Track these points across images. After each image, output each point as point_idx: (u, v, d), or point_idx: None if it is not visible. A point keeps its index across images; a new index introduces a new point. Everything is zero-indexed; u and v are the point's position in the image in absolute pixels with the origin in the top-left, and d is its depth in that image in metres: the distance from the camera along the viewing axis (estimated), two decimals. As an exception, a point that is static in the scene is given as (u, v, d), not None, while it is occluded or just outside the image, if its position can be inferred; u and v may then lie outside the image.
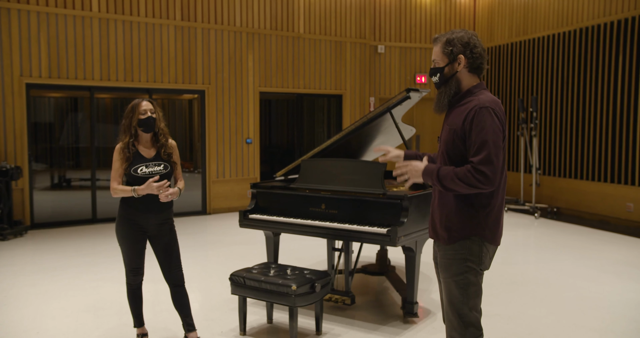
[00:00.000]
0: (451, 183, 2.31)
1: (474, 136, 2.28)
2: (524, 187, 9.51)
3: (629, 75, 7.85)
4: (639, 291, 4.79)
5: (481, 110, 2.29)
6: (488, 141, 2.25)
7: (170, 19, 8.48)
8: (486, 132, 2.26)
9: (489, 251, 2.39)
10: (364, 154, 5.32)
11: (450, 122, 2.44)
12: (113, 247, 6.47)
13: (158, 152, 3.39)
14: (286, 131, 11.02)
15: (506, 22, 10.38)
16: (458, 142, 2.37)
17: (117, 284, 5.02)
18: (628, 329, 3.93)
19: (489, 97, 2.37)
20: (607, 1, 8.24)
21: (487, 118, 2.27)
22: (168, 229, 3.41)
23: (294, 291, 3.46)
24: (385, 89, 10.73)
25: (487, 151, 2.25)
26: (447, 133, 2.44)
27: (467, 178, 2.26)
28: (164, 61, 8.46)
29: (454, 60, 2.43)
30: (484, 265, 2.39)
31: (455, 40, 2.42)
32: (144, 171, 3.29)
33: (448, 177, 2.31)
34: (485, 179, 2.23)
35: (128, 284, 3.44)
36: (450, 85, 2.45)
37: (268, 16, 9.33)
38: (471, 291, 2.36)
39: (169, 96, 9.09)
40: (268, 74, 9.37)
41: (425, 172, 2.40)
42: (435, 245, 2.58)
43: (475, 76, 2.45)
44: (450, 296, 2.40)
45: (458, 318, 2.37)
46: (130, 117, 3.29)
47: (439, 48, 2.47)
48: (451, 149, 2.40)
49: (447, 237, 2.41)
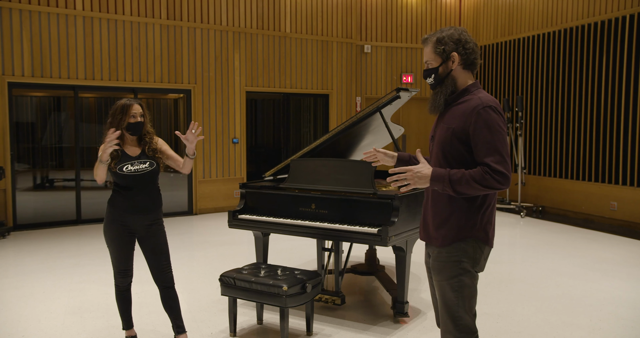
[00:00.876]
0: (466, 187, 2.21)
1: (482, 136, 2.24)
2: (510, 186, 9.57)
3: (612, 75, 7.94)
4: (625, 290, 4.83)
5: (485, 109, 2.25)
6: (499, 140, 2.22)
7: (156, 17, 8.40)
8: (495, 131, 2.22)
9: (483, 253, 2.36)
10: (352, 154, 5.31)
11: (447, 121, 2.38)
12: (98, 248, 6.39)
13: (143, 150, 3.35)
14: (273, 131, 10.99)
15: (491, 22, 10.44)
16: (456, 142, 2.32)
17: (103, 286, 4.96)
18: (616, 326, 3.96)
19: (488, 96, 2.34)
20: (591, 2, 8.32)
21: (493, 117, 2.24)
22: (157, 229, 3.37)
23: (285, 292, 3.43)
24: (371, 88, 10.74)
25: (500, 151, 2.21)
26: (443, 132, 2.38)
27: (486, 180, 2.19)
28: (149, 60, 8.38)
29: (448, 58, 2.39)
30: (479, 267, 2.36)
31: (446, 39, 2.38)
32: (129, 168, 3.25)
33: (463, 181, 2.21)
34: (504, 179, 2.19)
35: (116, 286, 3.39)
36: (447, 85, 2.41)
37: (254, 15, 9.28)
38: (466, 294, 2.34)
39: (154, 95, 9.00)
40: (254, 74, 9.33)
41: (435, 178, 2.26)
42: (427, 248, 2.55)
43: (470, 73, 2.42)
44: (444, 299, 2.37)
45: (452, 321, 2.34)
46: (120, 119, 3.23)
47: (430, 48, 2.43)
48: (448, 149, 2.35)
49: (441, 239, 2.38)
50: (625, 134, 7.77)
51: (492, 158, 2.21)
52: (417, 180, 2.28)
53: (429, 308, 4.35)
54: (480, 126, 2.25)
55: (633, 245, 6.67)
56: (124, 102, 3.27)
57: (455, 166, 2.34)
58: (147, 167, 3.30)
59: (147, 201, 3.30)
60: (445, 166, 2.38)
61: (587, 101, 8.38)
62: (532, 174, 9.41)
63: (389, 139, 5.27)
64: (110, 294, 4.70)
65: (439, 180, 2.26)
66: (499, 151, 2.21)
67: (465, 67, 2.41)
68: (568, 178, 8.73)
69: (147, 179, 3.29)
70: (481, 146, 2.24)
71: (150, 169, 3.30)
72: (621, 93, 7.82)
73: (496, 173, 2.19)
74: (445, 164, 2.37)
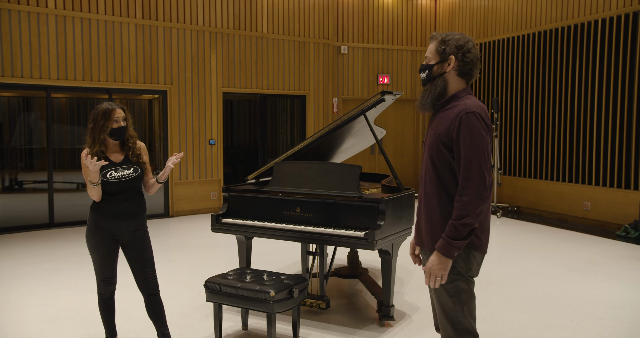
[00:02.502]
0: (464, 228, 2.21)
1: (462, 141, 2.25)
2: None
3: (585, 77, 8.10)
4: (603, 290, 4.92)
5: (468, 115, 2.26)
6: (478, 147, 2.22)
7: (131, 17, 8.25)
8: (475, 137, 2.24)
9: (476, 259, 2.36)
10: (333, 157, 5.29)
11: (434, 127, 2.40)
12: (75, 253, 6.25)
13: (126, 155, 3.27)
14: (250, 132, 10.91)
15: (466, 24, 10.55)
16: (442, 148, 2.33)
17: (80, 292, 4.84)
18: (597, 327, 4.02)
19: (475, 101, 2.35)
20: (564, 6, 8.47)
21: (474, 123, 2.25)
22: (141, 235, 3.30)
23: (273, 297, 3.39)
24: (348, 89, 10.75)
25: (472, 166, 2.22)
26: (431, 138, 2.40)
27: (469, 209, 2.20)
28: (124, 60, 8.22)
29: (445, 60, 2.40)
30: (472, 273, 2.36)
31: (450, 41, 2.39)
32: (114, 175, 3.17)
33: (458, 230, 2.21)
34: (480, 195, 2.21)
35: (99, 294, 3.30)
36: (436, 84, 2.41)
37: (231, 15, 9.19)
38: (463, 298, 2.34)
39: (128, 95, 8.85)
40: (231, 75, 9.24)
41: (443, 251, 2.24)
42: (421, 252, 2.55)
43: (463, 81, 2.42)
44: (442, 304, 2.37)
45: (452, 326, 2.34)
46: (102, 124, 3.15)
47: (433, 46, 2.44)
48: (435, 154, 2.36)
49: (433, 244, 2.37)
50: (599, 135, 7.93)
51: (461, 184, 2.23)
52: (437, 270, 2.27)
53: (414, 311, 4.36)
54: (460, 133, 2.26)
55: (607, 244, 6.80)
56: (106, 106, 3.18)
57: (442, 171, 2.35)
58: (132, 173, 3.23)
59: (131, 207, 3.23)
60: (433, 171, 2.39)
61: (561, 103, 8.53)
62: (508, 175, 9.54)
63: (370, 141, 5.29)
64: (89, 300, 4.59)
65: (445, 252, 2.24)
66: (471, 166, 2.21)
67: (460, 74, 2.41)
68: (542, 178, 8.87)
69: (131, 185, 3.22)
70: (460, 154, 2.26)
71: (134, 175, 3.23)
72: (594, 95, 7.97)
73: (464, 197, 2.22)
74: (433, 170, 2.39)
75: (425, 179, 2.43)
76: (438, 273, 2.27)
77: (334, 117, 10.44)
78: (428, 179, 2.41)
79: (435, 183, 2.36)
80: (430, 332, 3.92)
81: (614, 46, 7.66)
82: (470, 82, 2.46)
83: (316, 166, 4.25)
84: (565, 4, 8.46)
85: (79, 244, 6.70)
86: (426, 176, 2.43)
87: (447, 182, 2.34)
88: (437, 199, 2.36)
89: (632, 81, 7.44)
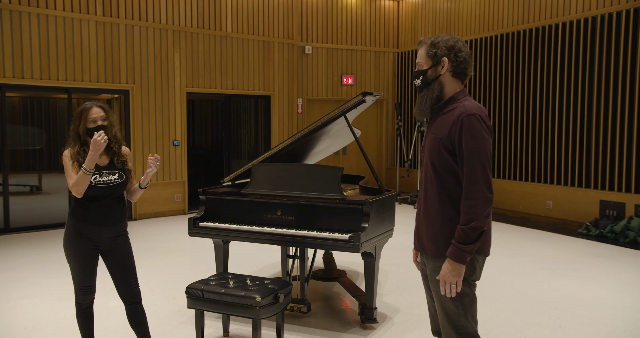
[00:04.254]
0: (473, 232, 2.20)
1: (465, 144, 2.23)
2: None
3: (546, 79, 8.30)
4: (574, 287, 5.04)
5: (469, 117, 2.24)
6: (481, 149, 2.22)
7: (91, 14, 7.97)
8: (478, 140, 2.22)
9: (478, 262, 2.35)
10: (306, 159, 5.21)
11: (434, 131, 2.37)
12: (35, 259, 5.98)
13: (111, 160, 3.13)
14: (214, 133, 10.74)
15: (429, 26, 10.67)
16: (444, 152, 2.30)
17: (47, 301, 4.62)
18: (573, 324, 4.11)
19: (474, 103, 2.33)
20: (526, 10, 8.67)
21: (475, 125, 2.23)
22: (123, 242, 3.16)
23: (259, 303, 3.31)
24: (312, 90, 10.70)
25: (476, 169, 2.21)
26: (431, 142, 2.37)
27: (476, 213, 2.19)
28: (84, 58, 7.93)
29: (438, 63, 2.38)
30: (475, 276, 2.35)
31: (440, 43, 2.37)
32: (98, 180, 3.02)
33: (468, 234, 2.20)
34: (482, 199, 2.20)
35: (77, 303, 3.13)
36: (433, 88, 2.39)
37: (195, 14, 9.01)
38: (466, 302, 2.32)
39: (85, 95, 8.54)
40: (195, 74, 9.05)
41: (455, 258, 2.23)
42: (422, 257, 2.52)
43: (459, 82, 2.40)
44: (444, 309, 2.35)
45: (455, 330, 2.32)
46: (78, 124, 3.00)
47: (423, 50, 2.42)
48: (437, 159, 2.33)
49: (435, 250, 2.36)
50: (560, 136, 8.14)
51: (466, 188, 2.22)
52: (451, 277, 2.25)
53: (394, 312, 4.35)
54: (464, 135, 2.24)
55: (570, 242, 6.99)
56: (83, 106, 3.03)
57: (444, 175, 2.33)
58: (117, 179, 3.08)
59: (113, 212, 3.08)
60: (434, 176, 2.36)
61: (522, 104, 8.73)
62: (471, 174, 9.68)
63: (343, 143, 5.26)
64: (57, 309, 4.39)
65: (457, 258, 2.23)
66: (475, 169, 2.21)
67: (455, 75, 2.39)
68: (506, 178, 9.05)
69: (114, 191, 3.08)
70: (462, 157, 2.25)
71: (119, 182, 3.09)
72: (555, 96, 8.18)
73: (470, 201, 2.21)
74: (435, 174, 2.36)
75: (426, 184, 2.40)
76: (452, 280, 2.25)
77: (298, 118, 10.38)
78: (429, 184, 2.38)
79: (437, 188, 2.34)
80: (414, 333, 3.92)
81: (574, 49, 7.88)
82: (465, 82, 2.44)
83: (296, 167, 4.18)
84: (526, 7, 8.66)
85: (38, 250, 6.42)
86: (427, 181, 2.40)
87: (449, 186, 2.31)
88: (438, 204, 2.33)
89: (592, 82, 7.67)
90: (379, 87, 11.36)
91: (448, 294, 2.27)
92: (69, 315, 4.26)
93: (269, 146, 10.07)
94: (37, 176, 8.24)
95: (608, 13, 7.46)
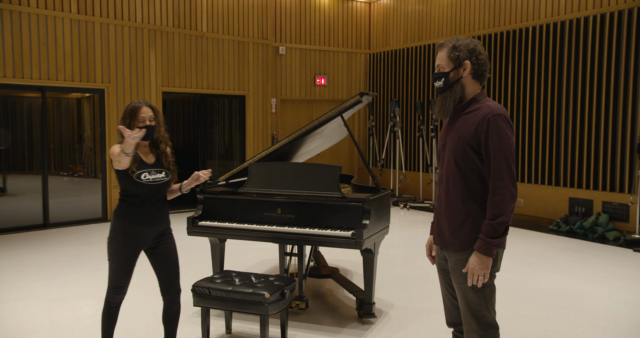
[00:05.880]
0: (500, 226, 2.34)
1: (492, 143, 2.35)
2: (423, 185, 10.04)
3: (517, 80, 8.60)
4: (553, 280, 5.27)
5: (495, 117, 2.36)
6: (507, 147, 2.35)
7: (66, 11, 7.82)
8: (503, 139, 2.35)
9: (499, 254, 2.48)
10: (293, 159, 5.26)
11: (458, 130, 2.48)
12: (16, 261, 5.85)
13: (158, 158, 3.16)
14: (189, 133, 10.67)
15: (401, 28, 10.87)
16: (469, 150, 2.42)
17: (39, 303, 4.55)
18: (560, 314, 4.32)
19: (496, 104, 2.46)
20: (497, 14, 8.95)
21: (502, 125, 2.36)
22: (168, 239, 3.23)
23: (267, 299, 3.37)
24: (286, 90, 10.76)
25: (502, 167, 2.34)
26: (455, 140, 2.47)
27: (503, 208, 2.32)
28: (58, 56, 7.78)
29: (460, 65, 2.49)
30: (496, 268, 2.48)
31: (461, 47, 2.48)
32: (148, 178, 3.05)
33: (496, 228, 2.33)
34: (508, 194, 2.34)
35: (107, 301, 3.16)
36: (455, 90, 2.50)
37: (170, 13, 8.94)
38: (487, 293, 2.45)
39: (56, 94, 8.38)
40: (171, 74, 8.99)
41: (483, 251, 2.36)
42: (440, 251, 2.63)
43: (478, 83, 2.52)
44: (466, 300, 2.46)
45: (476, 320, 2.44)
46: (128, 123, 3.01)
47: (444, 53, 2.52)
48: (461, 157, 2.44)
49: (458, 244, 2.47)
50: (530, 135, 8.45)
51: (493, 184, 2.35)
52: (480, 270, 2.37)
53: (389, 307, 4.47)
54: (489, 134, 2.36)
55: (542, 237, 7.27)
56: (133, 104, 3.05)
57: (468, 173, 2.44)
58: (164, 177, 3.12)
59: (158, 211, 3.14)
60: (457, 173, 2.47)
61: (494, 105, 9.00)
62: (443, 173, 9.92)
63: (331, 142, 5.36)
64: (50, 311, 4.34)
65: (485, 248, 2.36)
66: (501, 167, 2.33)
67: (475, 77, 2.51)
68: (477, 177, 9.32)
69: (161, 190, 3.12)
70: (489, 155, 2.36)
71: (166, 180, 3.14)
72: (524, 98, 8.49)
73: (497, 197, 2.34)
74: (458, 172, 2.46)
75: (448, 181, 2.51)
76: (481, 273, 2.37)
77: (273, 119, 10.42)
78: (451, 181, 2.49)
79: (460, 184, 2.45)
80: (412, 326, 4.05)
81: (544, 52, 8.20)
82: (484, 83, 2.57)
83: (294, 166, 4.25)
84: (497, 11, 8.94)
85: (21, 251, 6.29)
86: (448, 178, 2.51)
87: (471, 183, 2.43)
88: (461, 200, 2.45)
89: (561, 84, 7.99)
90: (351, 88, 11.51)
91: (475, 284, 2.39)
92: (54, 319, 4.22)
93: (243, 147, 10.08)
94: (1, 177, 7.98)
95: (576, 18, 7.79)
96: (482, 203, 2.42)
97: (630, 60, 7.22)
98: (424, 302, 4.61)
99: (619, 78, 7.36)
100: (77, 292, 4.86)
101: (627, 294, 4.86)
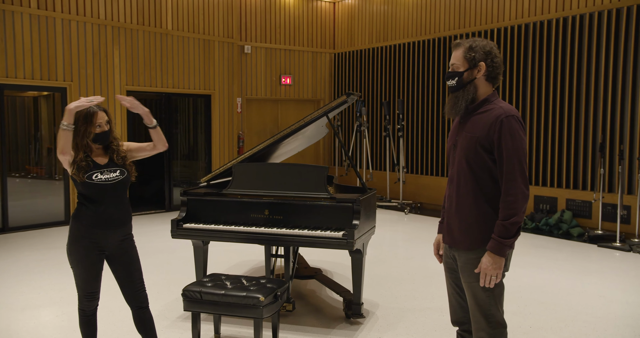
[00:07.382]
0: (513, 226, 2.35)
1: (505, 144, 2.37)
2: (390, 185, 10.12)
3: (482, 82, 8.77)
4: (528, 276, 5.39)
5: (508, 119, 2.39)
6: (520, 148, 2.38)
7: (25, 6, 7.50)
8: (516, 140, 2.37)
9: (509, 254, 2.51)
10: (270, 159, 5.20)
11: (470, 130, 2.49)
12: (-21, 268, 5.58)
13: (110, 158, 3.03)
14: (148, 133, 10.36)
15: (366, 28, 10.93)
16: (481, 150, 2.43)
17: (10, 311, 4.34)
18: (541, 310, 4.42)
19: (509, 105, 2.49)
20: (461, 15, 9.11)
21: (515, 126, 2.39)
22: (129, 245, 3.07)
23: (262, 302, 3.32)
24: (252, 90, 10.65)
25: (515, 167, 2.37)
26: (467, 140, 2.49)
27: (515, 208, 2.34)
28: (17, 53, 7.46)
29: (475, 66, 2.50)
30: (507, 267, 2.51)
31: (478, 48, 2.49)
32: (99, 177, 2.92)
33: (508, 229, 2.34)
34: (520, 195, 2.37)
35: (81, 311, 3.00)
36: (468, 90, 2.51)
37: (134, 10, 8.71)
38: (496, 292, 2.48)
39: (22, 93, 8.05)
40: (135, 72, 8.76)
41: (495, 251, 2.37)
42: (449, 250, 2.65)
43: (491, 85, 2.54)
44: (476, 299, 2.48)
45: (485, 319, 2.47)
46: (84, 130, 2.89)
47: (460, 53, 2.52)
48: (473, 156, 2.46)
49: (468, 243, 2.49)
50: (495, 135, 8.63)
51: (505, 185, 2.37)
52: (492, 270, 2.39)
53: (374, 307, 4.48)
54: (502, 135, 2.39)
55: (511, 235, 7.43)
56: (88, 110, 2.91)
57: (480, 173, 2.46)
58: (118, 176, 2.99)
59: (118, 214, 2.99)
60: (469, 172, 2.48)
61: (459, 105, 9.15)
62: (411, 173, 10.04)
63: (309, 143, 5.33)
64: (23, 320, 4.15)
65: (498, 248, 2.37)
66: (514, 167, 2.36)
67: (488, 79, 2.53)
68: (443, 175, 9.47)
69: (118, 189, 2.98)
70: (504, 156, 2.39)
71: (121, 178, 3.00)
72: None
73: (509, 197, 2.37)
74: (469, 171, 2.48)
75: (459, 180, 2.53)
76: (493, 273, 2.39)
77: (238, 118, 10.30)
78: (462, 180, 2.51)
79: (471, 184, 2.47)
80: (400, 326, 4.06)
81: (508, 54, 8.40)
82: (497, 86, 2.59)
83: (280, 167, 4.21)
84: (462, 13, 9.10)
85: (-21, 258, 6.00)
86: (459, 177, 2.52)
87: (483, 182, 2.45)
88: (472, 199, 2.47)
89: (525, 85, 8.20)
90: (316, 88, 11.49)
91: (487, 285, 2.41)
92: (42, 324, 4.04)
93: (209, 146, 9.93)
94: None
95: (540, 21, 8.01)
96: (492, 202, 2.45)
97: (591, 62, 7.48)
98: (408, 301, 4.64)
99: (580, 80, 7.61)
100: (49, 299, 4.66)
101: (600, 289, 5.02)
